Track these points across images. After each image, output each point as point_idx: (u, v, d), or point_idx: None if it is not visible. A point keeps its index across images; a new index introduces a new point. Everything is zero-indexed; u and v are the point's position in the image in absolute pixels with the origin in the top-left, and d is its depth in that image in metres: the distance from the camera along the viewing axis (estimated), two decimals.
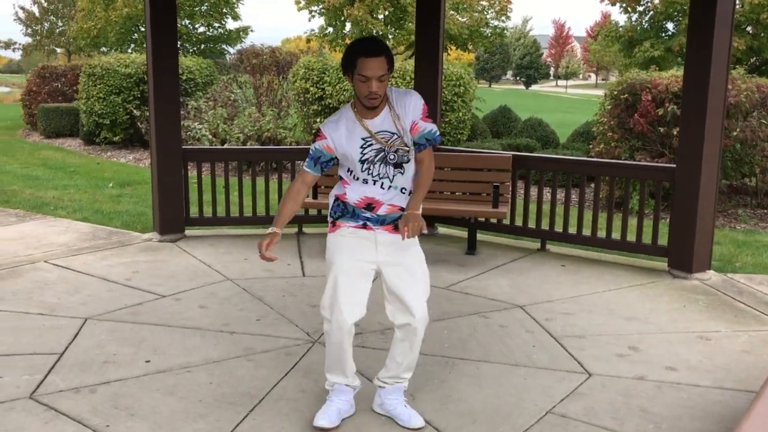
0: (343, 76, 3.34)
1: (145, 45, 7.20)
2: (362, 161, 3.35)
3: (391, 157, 3.36)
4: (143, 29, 6.77)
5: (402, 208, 3.44)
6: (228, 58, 30.52)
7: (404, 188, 3.45)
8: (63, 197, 9.82)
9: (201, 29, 28.22)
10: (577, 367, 4.33)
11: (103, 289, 5.61)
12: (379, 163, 3.35)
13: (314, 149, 3.39)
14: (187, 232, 7.42)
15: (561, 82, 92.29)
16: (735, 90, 9.08)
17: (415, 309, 3.46)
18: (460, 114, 12.91)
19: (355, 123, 3.33)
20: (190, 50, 27.57)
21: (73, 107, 17.60)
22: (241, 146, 12.02)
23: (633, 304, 5.49)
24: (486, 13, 27.42)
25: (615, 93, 10.06)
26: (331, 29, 27.66)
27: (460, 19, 26.69)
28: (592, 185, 8.08)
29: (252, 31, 29.39)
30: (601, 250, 7.03)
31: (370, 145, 3.32)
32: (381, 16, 26.67)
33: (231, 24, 28.90)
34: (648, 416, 3.72)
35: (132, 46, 27.20)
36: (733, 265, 6.81)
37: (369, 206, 3.42)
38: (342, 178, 3.47)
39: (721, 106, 6.05)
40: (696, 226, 6.11)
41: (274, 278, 5.98)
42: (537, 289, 5.82)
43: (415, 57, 7.74)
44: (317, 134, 3.38)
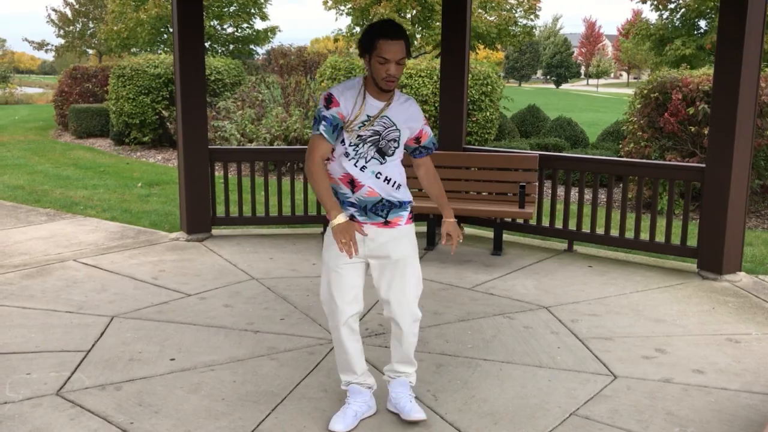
0: (359, 57, 3.33)
1: (172, 46, 7.28)
2: (358, 135, 3.35)
3: (382, 144, 3.38)
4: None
5: (384, 200, 3.42)
6: (256, 59, 30.73)
7: (380, 174, 3.41)
8: (92, 197, 9.96)
9: (229, 30, 28.42)
10: (602, 368, 4.29)
11: (129, 288, 5.69)
12: (369, 144, 3.36)
13: (330, 117, 3.30)
14: (214, 231, 7.50)
15: (592, 81, 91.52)
16: None
17: (401, 306, 3.49)
18: (487, 113, 12.87)
19: (366, 98, 3.33)
20: (219, 51, 27.78)
21: (104, 108, 17.85)
22: (267, 146, 12.10)
23: (661, 306, 5.44)
24: (514, 11, 27.28)
25: (645, 92, 9.96)
26: (358, 29, 27.69)
27: (488, 18, 26.58)
28: (620, 185, 8.00)
29: (280, 31, 29.52)
30: (629, 251, 6.96)
31: (372, 125, 3.35)
32: (408, 16, 26.65)
33: (259, 24, 29.14)
34: (674, 419, 3.68)
35: (162, 46, 27.48)
36: (766, 266, 6.70)
37: (351, 183, 3.39)
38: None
39: (753, 105, 5.96)
40: (726, 226, 6.03)
41: (299, 277, 6.01)
42: (563, 290, 5.79)
43: (441, 55, 7.72)
44: (330, 100, 3.30)
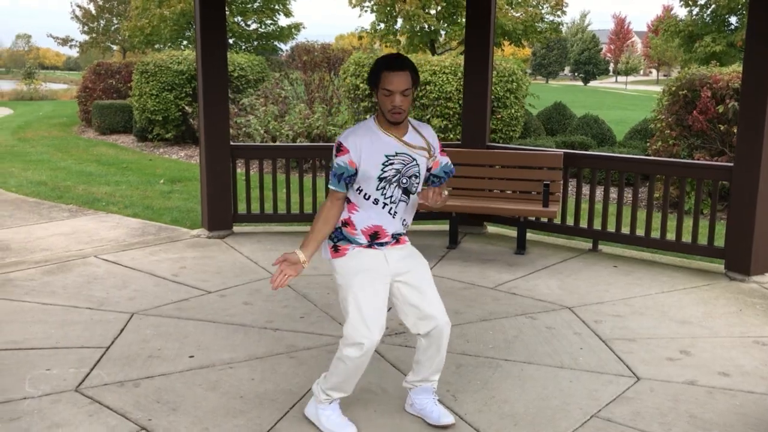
0: (371, 92, 3.32)
1: (195, 43, 7.34)
2: (380, 179, 3.29)
3: (404, 182, 3.34)
4: None
5: (397, 237, 3.45)
6: (280, 55, 30.86)
7: (405, 220, 3.45)
8: (115, 193, 10.07)
9: (253, 26, 28.55)
10: (625, 370, 4.26)
11: (150, 285, 5.74)
12: (394, 185, 3.33)
13: (337, 166, 3.29)
14: (235, 228, 7.54)
15: (621, 78, 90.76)
16: None
17: (437, 313, 3.44)
18: (512, 111, 12.80)
19: (380, 137, 3.30)
20: (243, 47, 27.92)
21: (127, 104, 18.03)
22: (289, 143, 12.15)
23: (687, 307, 5.38)
24: (541, 7, 27.09)
25: (673, 89, 9.87)
26: (382, 25, 27.68)
27: (514, 14, 26.44)
28: (646, 184, 7.92)
29: (304, 27, 29.60)
30: (656, 251, 6.90)
31: (392, 164, 3.30)
32: (433, 12, 26.59)
33: (283, 21, 29.19)
34: (697, 422, 3.65)
35: (185, 42, 27.68)
36: None
37: (373, 237, 3.37)
38: (350, 202, 3.38)
39: None
40: (755, 226, 5.96)
41: (319, 275, 6.03)
42: (587, 291, 5.75)
43: (464, 51, 7.69)
44: (339, 149, 3.28)
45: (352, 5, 27.70)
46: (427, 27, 26.79)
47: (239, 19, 27.73)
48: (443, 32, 27.56)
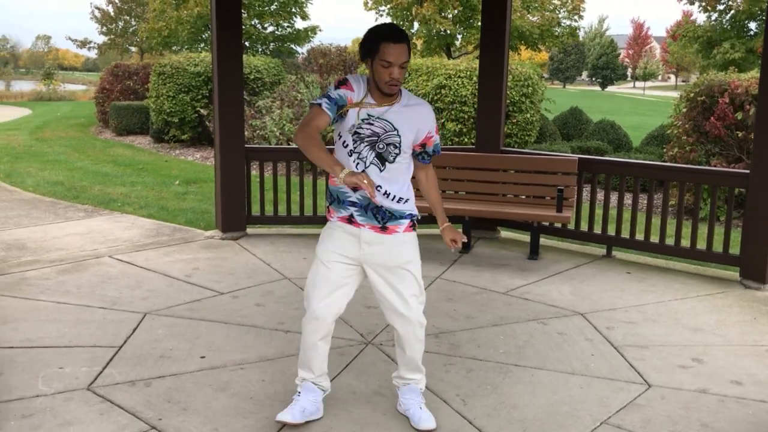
0: (361, 60, 3.32)
1: (211, 46, 7.39)
2: (356, 132, 3.32)
3: (380, 147, 3.33)
4: None
5: (382, 209, 3.38)
6: (296, 58, 30.96)
7: (379, 187, 3.36)
8: (130, 194, 10.15)
9: (270, 29, 28.68)
10: (637, 377, 4.25)
11: (163, 285, 5.78)
12: (366, 145, 3.33)
13: (339, 95, 3.28)
14: (249, 230, 7.58)
15: (639, 84, 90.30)
16: None
17: (406, 312, 3.45)
18: (527, 115, 12.79)
19: (369, 97, 3.32)
20: (259, 50, 28.05)
21: (144, 105, 18.16)
22: None
23: (700, 315, 5.36)
24: (558, 12, 27.06)
25: (691, 95, 9.83)
26: None
27: (530, 18, 26.42)
28: (661, 190, 7.89)
29: (320, 30, 29.70)
30: (670, 258, 6.87)
31: (370, 124, 3.31)
32: (450, 15, 26.61)
33: (299, 23, 29.32)
34: (709, 431, 3.63)
35: (202, 45, 27.84)
36: None
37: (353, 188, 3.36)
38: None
39: None
40: None
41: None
42: (600, 297, 5.74)
43: (479, 54, 7.68)
44: (344, 82, 3.31)
45: (367, 8, 27.77)
46: (443, 31, 26.80)
47: (256, 21, 27.87)
48: (459, 36, 27.58)
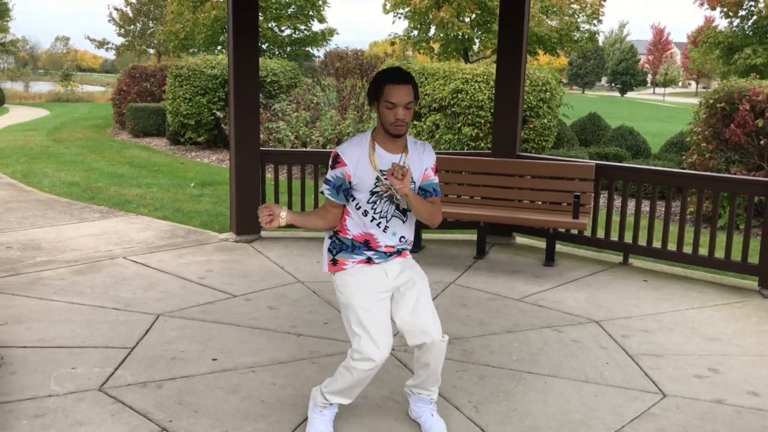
0: (369, 106, 3.35)
1: (227, 49, 7.43)
2: (373, 192, 3.32)
3: (398, 198, 3.35)
4: None
5: (399, 251, 3.45)
6: (314, 61, 31.07)
7: (403, 237, 3.44)
8: (146, 195, 10.21)
9: (287, 32, 28.80)
10: (652, 386, 4.22)
11: (176, 287, 5.82)
12: (386, 200, 3.35)
13: (335, 177, 3.33)
14: (263, 232, 7.61)
15: (659, 90, 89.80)
16: None
17: (430, 329, 3.42)
18: (545, 120, 12.75)
19: (377, 151, 3.32)
20: (276, 53, 28.17)
21: (161, 107, 18.28)
22: (319, 149, 12.21)
23: (717, 324, 5.32)
24: (577, 16, 26.98)
25: (710, 101, 9.76)
26: (416, 32, 27.77)
27: (549, 23, 26.36)
28: (679, 198, 7.84)
29: (338, 33, 29.79)
30: (687, 266, 6.82)
31: (386, 179, 3.29)
32: (467, 19, 26.60)
33: (317, 26, 29.42)
34: None
35: (219, 47, 28.00)
36: None
37: (367, 242, 3.40)
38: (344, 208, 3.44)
39: None
40: None
41: None
42: (615, 304, 5.71)
43: (497, 56, 7.66)
44: (336, 160, 3.32)
45: (386, 11, 27.82)
46: (461, 35, 26.79)
47: (273, 24, 27.99)
48: (477, 40, 27.56)
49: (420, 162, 3.42)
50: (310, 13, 28.09)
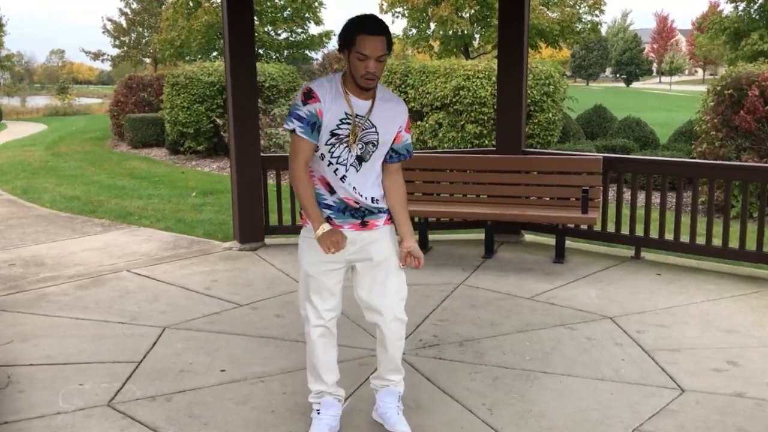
0: (339, 52, 3.27)
1: (224, 55, 7.45)
2: (333, 134, 3.22)
3: (359, 147, 3.27)
4: None
5: (360, 207, 3.37)
6: (312, 64, 31.09)
7: (355, 188, 3.33)
8: (147, 207, 10.24)
9: (283, 35, 28.82)
10: (669, 382, 4.21)
11: (181, 298, 5.83)
12: (344, 146, 3.25)
13: (308, 113, 3.18)
14: (267, 240, 7.62)
15: (665, 79, 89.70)
16: None
17: (383, 308, 3.44)
18: (549, 114, 12.74)
19: (342, 96, 3.23)
20: (273, 57, 28.19)
21: (159, 117, 18.33)
22: None
23: (733, 316, 5.30)
24: (578, 7, 26.95)
25: (718, 88, 9.74)
26: (414, 31, 27.78)
27: (550, 15, 26.35)
28: (690, 188, 7.83)
29: (335, 35, 29.82)
30: (701, 258, 6.81)
31: (348, 123, 3.23)
32: (467, 15, 26.61)
33: (314, 29, 29.43)
34: None
35: (215, 53, 28.04)
36: None
37: (329, 185, 3.33)
38: None
39: None
40: None
41: (351, 287, 6.03)
42: (629, 300, 5.70)
43: (498, 47, 7.65)
44: (309, 95, 3.19)
45: (383, 11, 27.84)
46: (460, 31, 26.80)
47: (269, 28, 28.02)
48: (477, 36, 27.56)
49: (392, 119, 3.33)
50: (307, 15, 28.11)
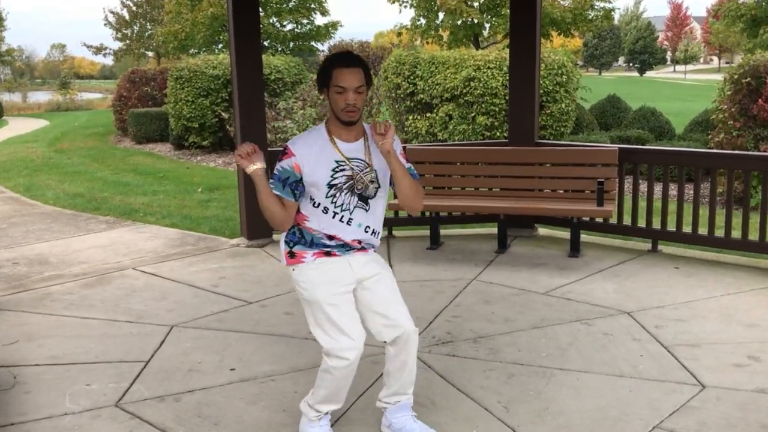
0: (319, 94, 3.26)
1: (229, 48, 7.45)
2: (330, 185, 3.22)
3: (359, 188, 3.27)
4: None
5: (364, 246, 3.38)
6: (318, 56, 31.08)
7: (368, 227, 3.36)
8: (152, 203, 10.26)
9: (289, 27, 28.82)
10: (689, 378, 4.19)
11: (189, 296, 5.84)
12: (346, 192, 3.26)
13: (280, 169, 3.22)
14: (275, 236, 7.62)
15: (679, 68, 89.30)
16: None
17: (402, 320, 3.40)
18: (562, 105, 12.69)
19: (329, 144, 3.24)
20: (279, 49, 28.20)
21: (163, 111, 18.34)
22: None
23: (754, 310, 5.27)
24: None
25: (735, 77, 9.68)
26: (423, 21, 27.69)
27: (562, 2, 26.22)
28: (708, 179, 7.79)
29: (341, 26, 29.82)
30: (720, 251, 6.78)
31: (342, 170, 3.23)
32: (476, 4, 26.52)
33: (319, 20, 29.45)
34: None
35: (219, 46, 28.07)
36: None
37: (331, 237, 3.33)
38: (299, 212, 3.33)
39: None
40: None
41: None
42: (646, 294, 5.67)
43: (509, 35, 7.62)
44: (284, 151, 3.23)
45: (391, 1, 27.75)
46: (470, 21, 26.70)
47: (274, 20, 28.02)
48: (487, 25, 27.46)
49: (377, 151, 3.30)
50: (312, 6, 28.09)
